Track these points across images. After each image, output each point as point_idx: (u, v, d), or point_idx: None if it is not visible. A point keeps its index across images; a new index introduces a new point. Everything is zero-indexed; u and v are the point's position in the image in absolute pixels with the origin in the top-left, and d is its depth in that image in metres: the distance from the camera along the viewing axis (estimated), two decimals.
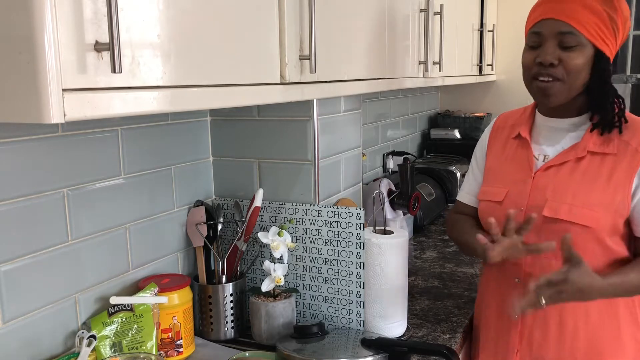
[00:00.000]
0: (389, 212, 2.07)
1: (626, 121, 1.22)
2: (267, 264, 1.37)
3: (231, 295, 1.41)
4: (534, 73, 1.21)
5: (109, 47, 0.67)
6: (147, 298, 1.24)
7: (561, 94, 1.20)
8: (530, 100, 1.33)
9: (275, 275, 1.36)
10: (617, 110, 1.21)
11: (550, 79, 1.18)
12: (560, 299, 1.12)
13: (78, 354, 1.14)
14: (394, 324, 1.43)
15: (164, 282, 1.33)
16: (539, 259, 1.24)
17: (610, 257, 1.21)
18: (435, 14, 1.90)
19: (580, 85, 1.20)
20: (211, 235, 1.47)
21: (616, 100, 1.22)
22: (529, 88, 1.25)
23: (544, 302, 1.10)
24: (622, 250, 1.21)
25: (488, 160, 1.40)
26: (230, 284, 1.41)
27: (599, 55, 1.18)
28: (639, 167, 1.18)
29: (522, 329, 1.28)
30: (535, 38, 1.20)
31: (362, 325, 1.42)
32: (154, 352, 1.22)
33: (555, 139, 1.28)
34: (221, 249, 1.51)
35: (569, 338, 1.24)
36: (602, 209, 1.17)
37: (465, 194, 1.47)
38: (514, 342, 1.31)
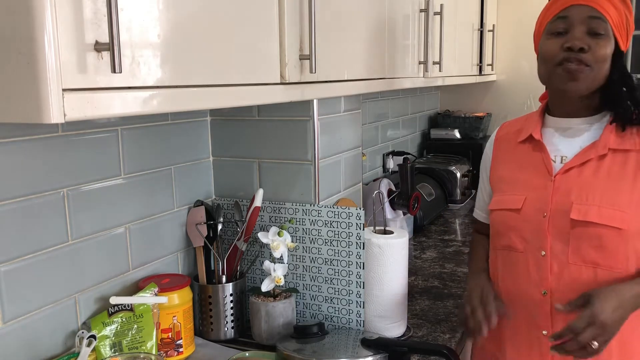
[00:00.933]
0: (389, 212, 2.07)
1: None
2: (267, 264, 1.37)
3: (231, 295, 1.41)
4: (561, 59, 1.15)
5: (109, 47, 0.67)
6: (147, 298, 1.24)
7: (588, 81, 1.15)
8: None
9: (275, 275, 1.36)
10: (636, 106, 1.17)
11: (579, 64, 1.13)
12: (604, 335, 1.06)
13: (78, 354, 1.14)
14: (394, 324, 1.43)
15: (164, 282, 1.33)
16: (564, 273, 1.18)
17: None
18: (435, 14, 1.90)
19: (603, 77, 1.16)
20: (211, 235, 1.47)
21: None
22: (552, 76, 1.18)
23: (595, 345, 1.05)
24: None
25: (497, 171, 1.34)
26: (230, 284, 1.41)
27: (617, 50, 1.16)
28: None
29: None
30: (562, 23, 1.16)
31: (362, 325, 1.42)
32: (154, 352, 1.22)
33: (571, 139, 1.22)
34: (221, 249, 1.51)
35: (604, 355, 1.14)
36: (632, 210, 1.12)
37: (478, 212, 1.45)
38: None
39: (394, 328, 1.43)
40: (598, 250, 1.13)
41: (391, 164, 2.61)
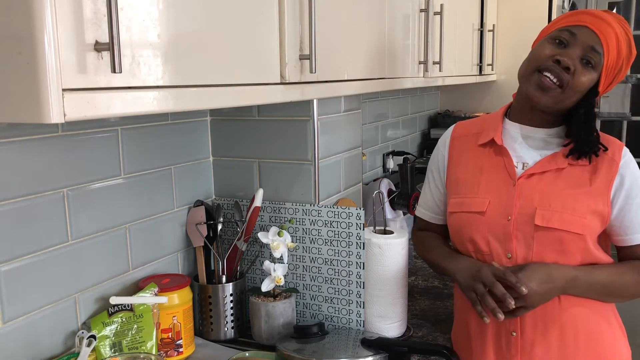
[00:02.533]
0: (389, 212, 2.07)
1: (603, 149, 1.21)
2: (267, 264, 1.37)
3: (231, 295, 1.41)
4: (544, 67, 1.17)
5: (109, 47, 0.67)
6: (147, 298, 1.24)
7: (554, 101, 1.18)
8: None
9: (275, 275, 1.36)
10: (592, 144, 1.20)
11: (556, 81, 1.16)
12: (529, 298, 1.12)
13: (78, 354, 1.14)
14: (394, 324, 1.43)
15: (164, 282, 1.33)
16: None
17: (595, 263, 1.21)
18: (435, 14, 1.90)
19: (569, 104, 1.19)
20: (211, 235, 1.47)
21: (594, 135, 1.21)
22: (527, 79, 1.20)
23: (512, 304, 1.11)
24: (605, 257, 1.22)
25: (454, 173, 1.33)
26: (230, 284, 1.41)
27: (594, 88, 1.19)
28: (616, 176, 1.19)
29: (523, 345, 1.22)
30: (568, 36, 1.18)
31: (362, 325, 1.42)
32: (154, 352, 1.22)
33: (533, 147, 1.25)
34: (221, 249, 1.51)
35: (571, 351, 1.21)
36: (589, 216, 1.17)
37: (425, 212, 1.43)
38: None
39: (394, 328, 1.43)
40: (559, 254, 1.18)
41: (391, 164, 2.61)
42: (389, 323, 1.42)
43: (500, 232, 1.21)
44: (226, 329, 1.42)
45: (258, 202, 1.41)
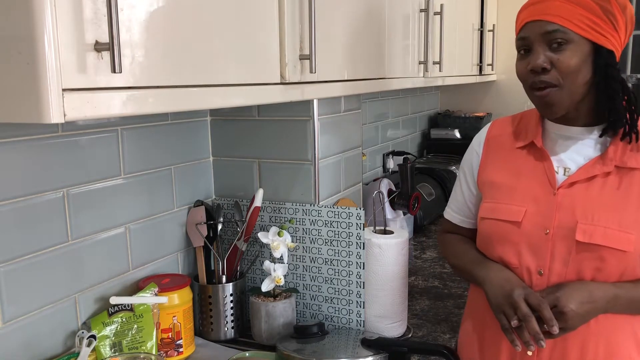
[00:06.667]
0: (389, 212, 2.07)
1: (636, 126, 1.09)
2: (267, 264, 1.37)
3: (231, 295, 1.41)
4: (530, 83, 1.09)
5: (109, 47, 0.67)
6: (147, 298, 1.24)
7: (563, 101, 1.07)
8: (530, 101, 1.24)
9: (275, 275, 1.36)
10: (627, 112, 1.08)
11: (546, 87, 1.07)
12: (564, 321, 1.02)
13: (78, 354, 1.14)
14: (394, 324, 1.43)
15: (164, 282, 1.33)
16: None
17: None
18: (435, 14, 1.90)
19: (582, 86, 1.06)
20: (211, 235, 1.47)
21: (626, 99, 1.08)
22: (531, 98, 1.13)
23: (555, 329, 1.02)
24: None
25: (487, 174, 1.23)
26: (230, 284, 1.41)
27: (598, 50, 1.06)
28: None
29: None
30: (522, 44, 1.10)
31: (362, 325, 1.42)
32: (154, 352, 1.22)
33: (575, 150, 1.13)
34: (221, 249, 1.51)
35: None
36: (637, 231, 1.05)
37: (455, 214, 1.33)
38: None
39: (394, 328, 1.43)
40: (596, 272, 1.07)
41: (391, 164, 2.61)
42: (389, 323, 1.42)
43: (536, 246, 1.10)
44: (226, 329, 1.42)
45: (258, 202, 1.41)
